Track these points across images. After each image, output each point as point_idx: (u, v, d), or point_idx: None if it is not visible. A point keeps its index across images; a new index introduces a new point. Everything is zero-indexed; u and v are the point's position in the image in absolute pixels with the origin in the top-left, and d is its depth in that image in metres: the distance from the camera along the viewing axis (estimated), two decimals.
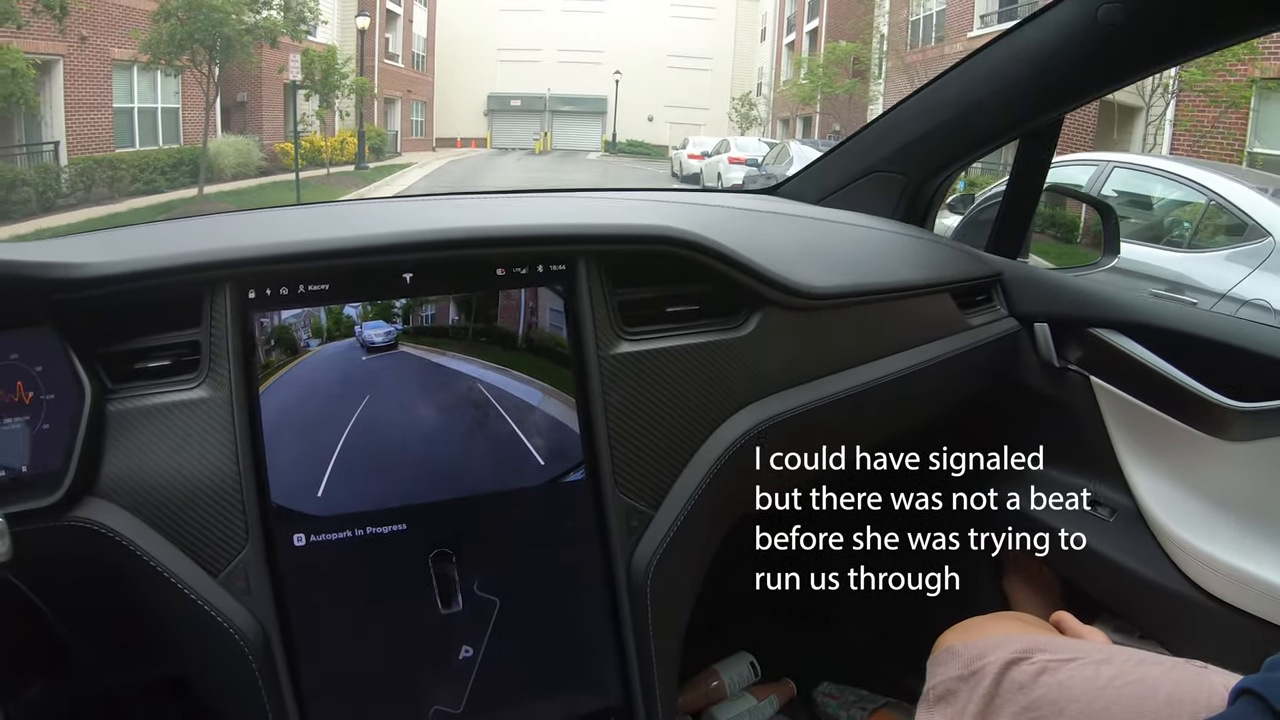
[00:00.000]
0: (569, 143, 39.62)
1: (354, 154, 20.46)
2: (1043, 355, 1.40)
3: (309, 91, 17.83)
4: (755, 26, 34.76)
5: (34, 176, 12.13)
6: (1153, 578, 1.27)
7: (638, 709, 1.05)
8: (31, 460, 0.94)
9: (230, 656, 0.93)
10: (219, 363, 0.96)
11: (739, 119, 27.56)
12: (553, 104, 40.56)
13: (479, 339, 1.03)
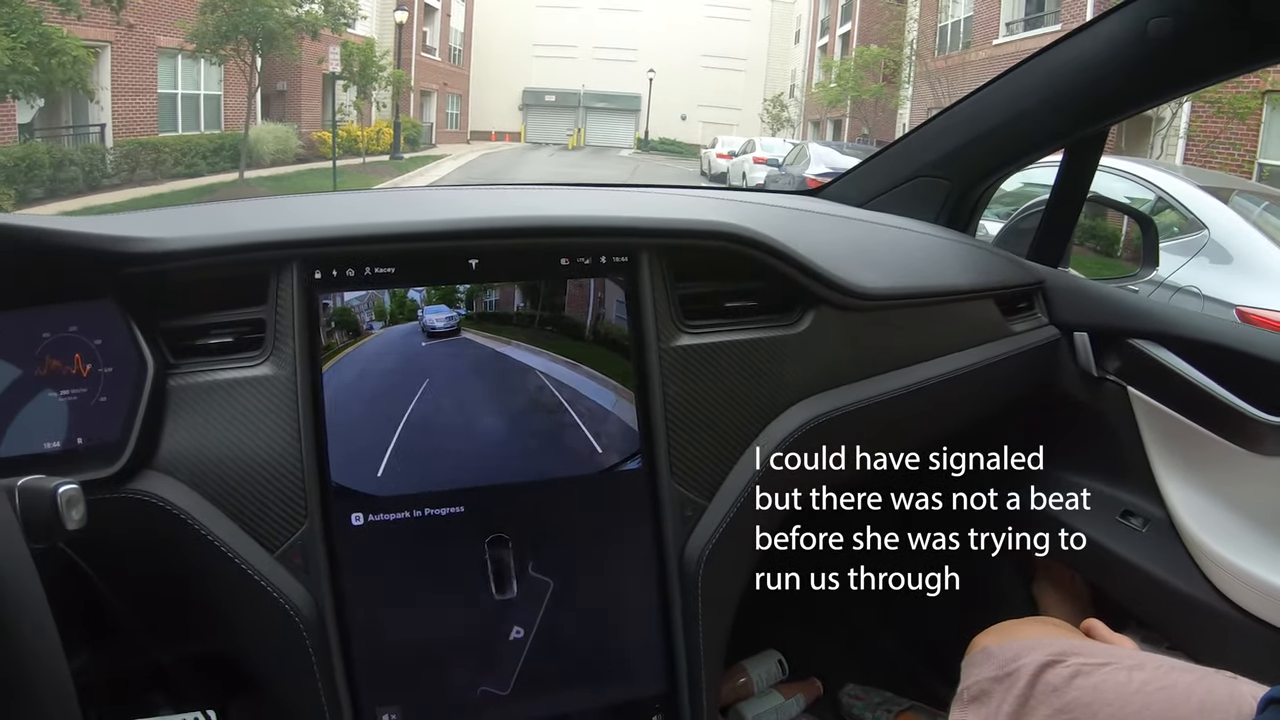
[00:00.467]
0: (602, 139, 39.63)
1: (389, 144, 20.66)
2: (1082, 364, 1.39)
3: (347, 83, 17.98)
4: (790, 29, 34.65)
5: (81, 157, 12.29)
6: (1183, 589, 1.26)
7: (682, 699, 1.05)
8: (87, 432, 0.94)
9: (284, 632, 0.93)
10: (283, 341, 0.96)
11: (770, 120, 27.47)
12: (587, 100, 40.57)
13: (540, 327, 1.04)
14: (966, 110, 1.50)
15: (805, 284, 1.13)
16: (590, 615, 1.03)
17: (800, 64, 29.58)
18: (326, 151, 17.37)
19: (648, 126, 39.98)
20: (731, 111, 34.74)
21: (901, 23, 21.54)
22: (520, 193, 1.27)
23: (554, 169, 26.17)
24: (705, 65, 39.48)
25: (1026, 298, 1.42)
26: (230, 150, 14.84)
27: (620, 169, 28.03)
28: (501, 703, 1.00)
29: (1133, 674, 0.84)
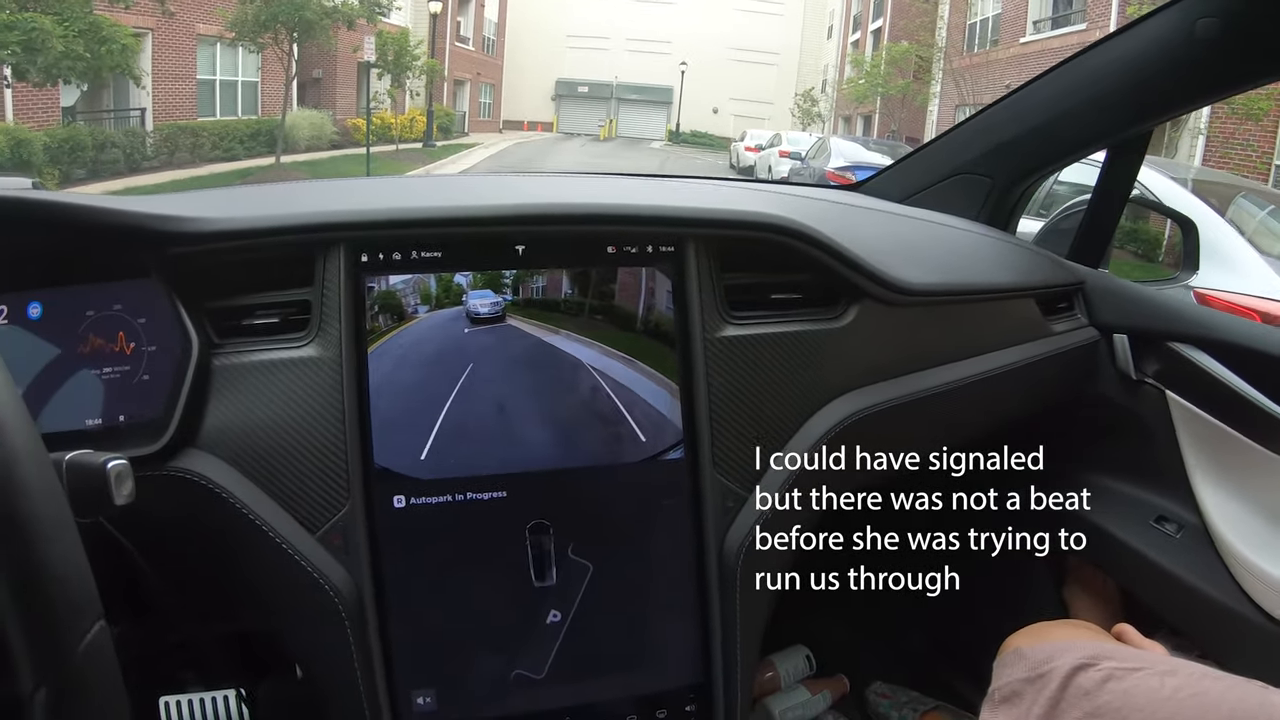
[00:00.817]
0: (634, 130, 39.58)
1: (422, 132, 20.82)
2: (1120, 367, 1.37)
3: (381, 71, 18.09)
4: (822, 24, 34.46)
5: (122, 139, 12.53)
6: (1215, 596, 1.24)
7: (716, 691, 1.05)
8: (129, 410, 0.94)
9: (323, 613, 0.93)
10: (329, 323, 0.96)
11: (801, 115, 27.32)
12: (619, 92, 40.52)
13: (585, 315, 1.03)
14: (1009, 108, 1.48)
15: (850, 278, 1.12)
16: (628, 602, 1.03)
17: (832, 59, 29.42)
18: (360, 138, 17.55)
19: (679, 119, 39.86)
20: (764, 105, 34.58)
21: (932, 19, 21.35)
22: (567, 180, 1.27)
23: (584, 159, 26.16)
24: (738, 59, 39.31)
25: (1066, 298, 1.40)
26: (267, 135, 15.07)
27: (650, 160, 28.05)
28: (536, 686, 1.00)
29: (1165, 680, 0.82)
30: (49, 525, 0.48)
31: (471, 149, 23.06)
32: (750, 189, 1.37)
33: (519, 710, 1.01)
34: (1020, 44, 18.07)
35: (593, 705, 1.02)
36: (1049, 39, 17.09)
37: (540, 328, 1.02)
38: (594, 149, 30.82)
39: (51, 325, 0.95)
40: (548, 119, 40.49)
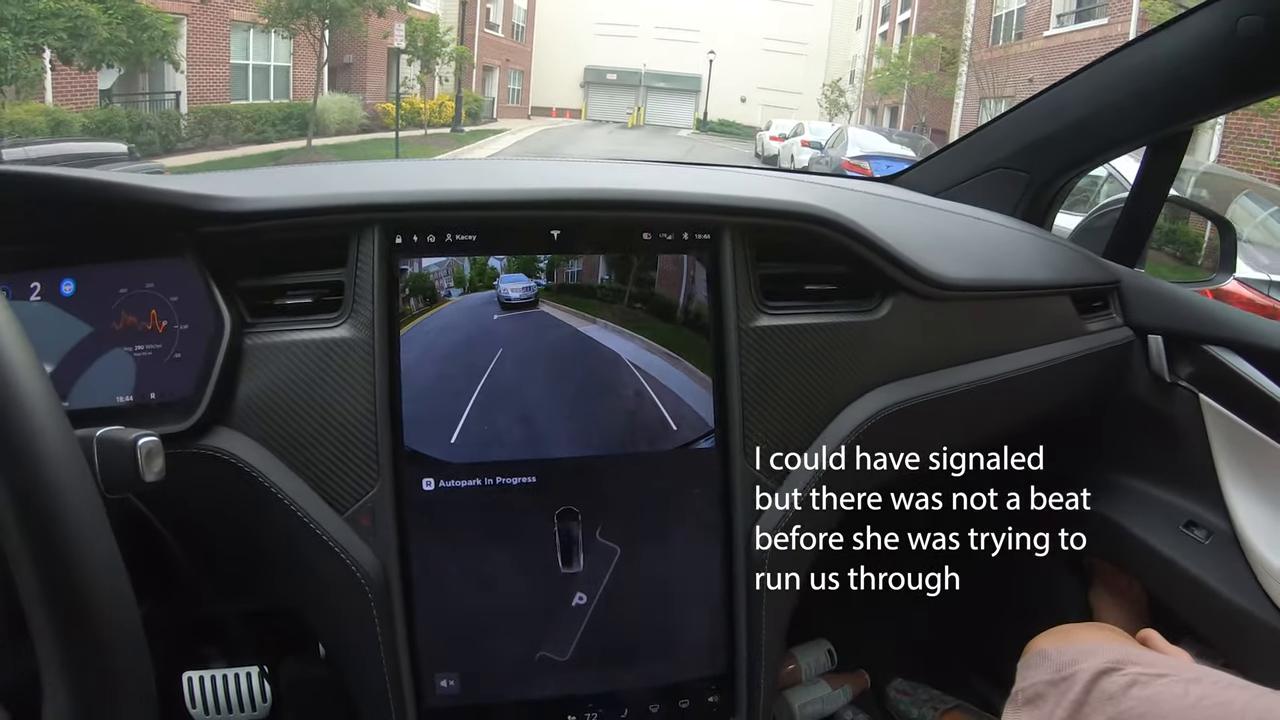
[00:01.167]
0: (662, 119, 39.52)
1: (451, 117, 21.07)
2: (1154, 368, 1.34)
3: (411, 57, 18.40)
4: (852, 14, 34.25)
5: (158, 121, 12.96)
6: (1243, 605, 1.21)
7: (740, 682, 1.04)
8: (160, 388, 0.94)
9: (349, 594, 0.93)
10: (362, 304, 0.95)
11: (828, 105, 27.23)
12: (647, 80, 40.48)
13: (618, 301, 1.02)
14: (1047, 103, 1.45)
15: (886, 270, 1.10)
16: (654, 588, 1.02)
17: (861, 50, 29.28)
18: (390, 122, 17.73)
19: (706, 107, 39.73)
20: (792, 95, 34.40)
21: (958, 11, 21.30)
22: (603, 166, 1.25)
23: (611, 146, 26.21)
24: (766, 48, 39.15)
25: (1102, 297, 1.38)
26: (298, 119, 15.40)
27: (676, 148, 28.01)
28: (559, 671, 1.00)
29: (1189, 687, 0.81)
30: (74, 501, 0.48)
31: (499, 134, 23.26)
32: (786, 178, 1.35)
33: (542, 696, 1.00)
34: (1044, 37, 18.06)
35: (615, 693, 1.01)
36: (1071, 32, 17.08)
37: (572, 314, 1.01)
38: (621, 136, 30.81)
39: (84, 302, 0.94)
40: (576, 106, 40.47)
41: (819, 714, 1.65)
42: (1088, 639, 0.95)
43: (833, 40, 34.91)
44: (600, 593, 1.00)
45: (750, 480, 1.02)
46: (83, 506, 0.48)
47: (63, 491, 0.47)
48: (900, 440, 1.12)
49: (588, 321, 1.01)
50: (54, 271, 0.95)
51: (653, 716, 1.02)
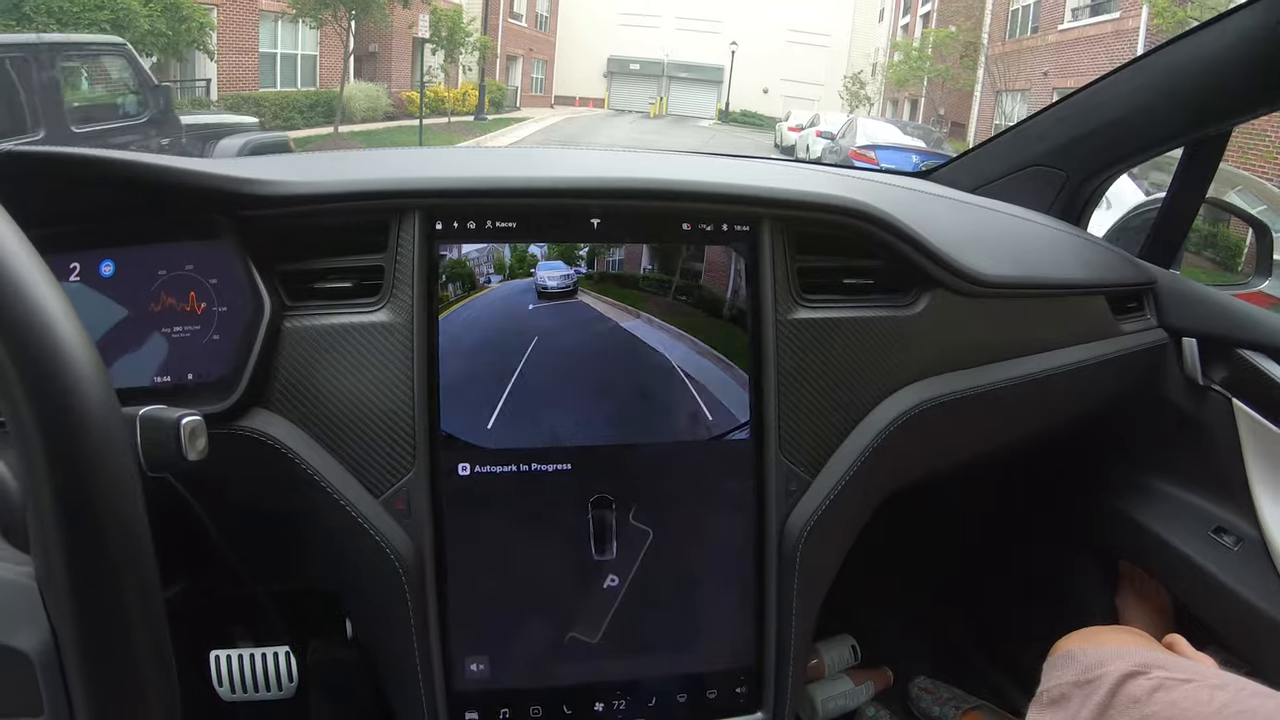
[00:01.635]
0: (684, 109, 39.55)
1: (474, 105, 21.38)
2: (1188, 372, 1.32)
3: (435, 47, 18.54)
4: (874, 6, 34.02)
5: (190, 108, 12.64)
6: (1270, 613, 1.18)
7: (768, 674, 1.02)
8: (198, 369, 0.93)
9: (382, 575, 0.92)
10: (402, 289, 0.94)
11: (849, 97, 27.18)
12: (670, 70, 40.51)
13: (656, 291, 1.01)
14: (1085, 101, 1.42)
15: (923, 265, 1.08)
16: (685, 577, 1.01)
17: (883, 43, 29.10)
18: (414, 110, 18.03)
19: (728, 98, 39.66)
20: (814, 87, 34.35)
21: (978, 4, 21.25)
22: (644, 156, 1.23)
23: (632, 135, 26.15)
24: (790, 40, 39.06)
25: (1137, 298, 1.35)
26: (325, 106, 15.53)
27: (697, 138, 27.98)
28: (588, 658, 0.99)
29: (1215, 694, 0.79)
30: (112, 475, 0.47)
31: (522, 122, 23.50)
32: (824, 172, 1.32)
33: (570, 682, 0.99)
34: (1059, 30, 18.07)
35: (644, 681, 1.01)
36: (1085, 26, 17.08)
37: (609, 304, 0.99)
38: (643, 125, 30.81)
39: (123, 284, 0.93)
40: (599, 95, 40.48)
41: (841, 709, 1.63)
42: (1114, 642, 0.93)
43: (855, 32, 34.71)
44: (632, 576, 0.99)
45: (784, 472, 1.01)
46: (120, 483, 0.47)
47: (103, 464, 0.46)
48: (934, 437, 1.10)
49: (625, 312, 0.99)
50: (94, 253, 0.94)
51: (679, 706, 1.01)
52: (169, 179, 0.90)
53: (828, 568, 1.06)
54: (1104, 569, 1.46)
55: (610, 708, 0.99)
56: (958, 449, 1.21)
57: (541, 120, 25.87)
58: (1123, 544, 1.40)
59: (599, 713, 0.99)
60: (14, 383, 0.44)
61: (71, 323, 0.46)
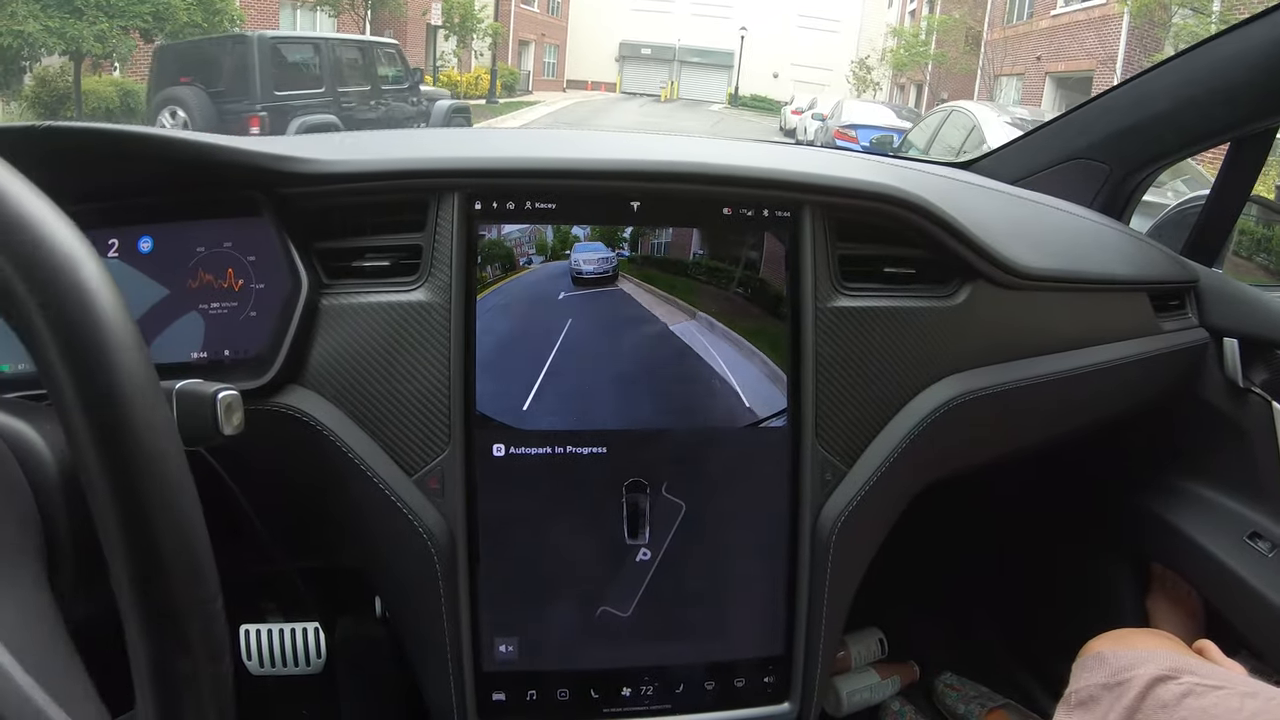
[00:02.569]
0: (695, 93, 39.48)
1: (486, 89, 21.63)
2: (1228, 373, 1.28)
3: (448, 33, 19.18)
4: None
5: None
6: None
7: (796, 665, 1.00)
8: (235, 345, 0.92)
9: (414, 554, 0.91)
10: (440, 268, 0.93)
11: (856, 82, 27.09)
12: (681, 55, 40.44)
13: (694, 276, 0.98)
14: (1130, 93, 1.38)
15: (965, 256, 1.05)
16: (717, 562, 0.99)
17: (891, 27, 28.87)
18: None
19: (738, 82, 39.48)
20: (823, 72, 34.22)
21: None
22: (684, 140, 1.20)
23: (641, 118, 26.08)
24: (800, 25, 38.89)
25: (1179, 296, 1.31)
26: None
27: (705, 121, 27.87)
28: (618, 635, 0.98)
29: (1245, 701, 0.78)
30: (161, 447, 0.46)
31: (533, 106, 23.83)
32: (865, 159, 1.27)
33: (598, 666, 0.98)
34: (1051, 16, 18.37)
35: (672, 668, 0.99)
36: (1075, 11, 17.34)
37: (648, 291, 0.97)
38: (652, 109, 30.78)
39: (161, 260, 0.92)
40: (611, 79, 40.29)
41: (866, 703, 1.61)
42: (1144, 645, 0.92)
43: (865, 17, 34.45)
44: (664, 550, 0.97)
45: (820, 460, 0.98)
46: (169, 453, 0.46)
47: (150, 435, 0.45)
48: (971, 430, 1.08)
49: (662, 300, 0.97)
50: (132, 229, 0.93)
51: (706, 693, 0.99)
52: (208, 156, 0.88)
53: (861, 559, 1.04)
54: (1135, 571, 1.43)
55: (637, 692, 0.98)
56: (995, 444, 1.18)
57: (552, 104, 25.89)
58: (1155, 546, 1.36)
59: (626, 697, 0.98)
60: (54, 354, 0.43)
61: (111, 295, 0.45)
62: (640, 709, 0.98)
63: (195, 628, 0.46)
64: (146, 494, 0.44)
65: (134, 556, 0.44)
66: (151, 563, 0.44)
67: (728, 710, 0.99)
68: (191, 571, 0.46)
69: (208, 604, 0.47)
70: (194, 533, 0.47)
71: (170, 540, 0.45)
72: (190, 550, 0.46)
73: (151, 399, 0.45)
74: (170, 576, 0.45)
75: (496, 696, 0.96)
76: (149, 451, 0.44)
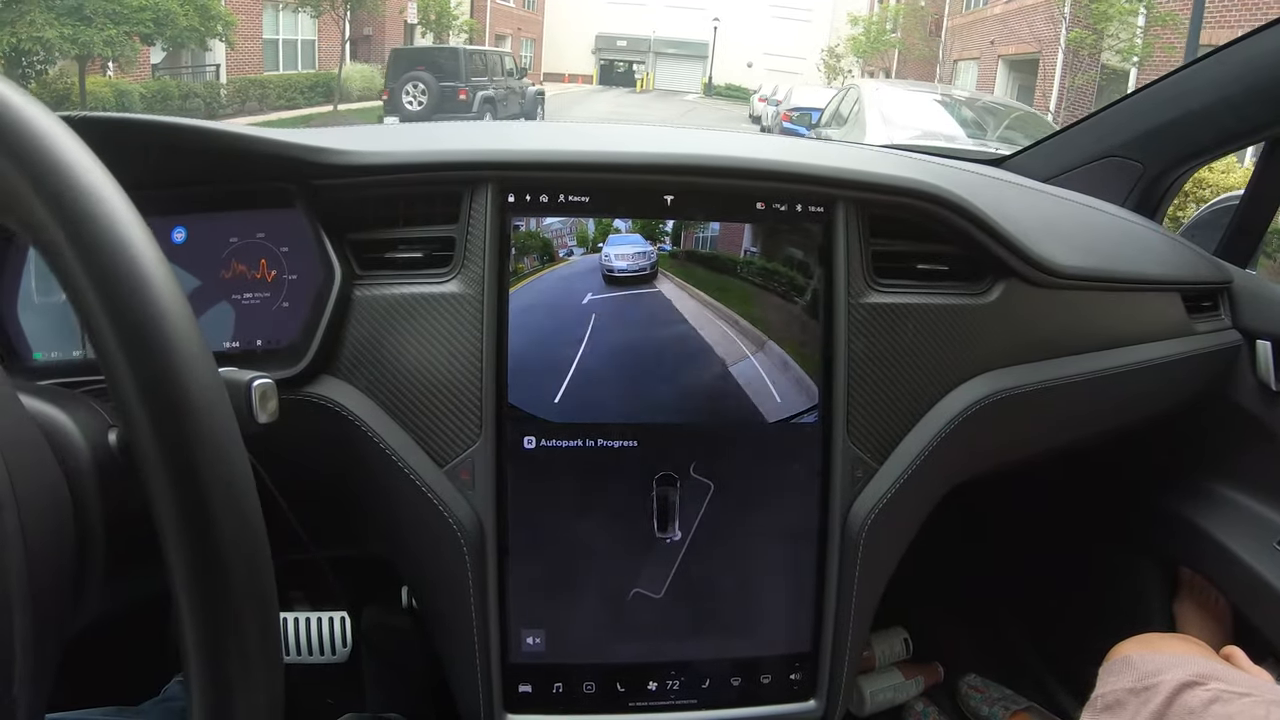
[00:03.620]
0: (670, 83, 39.51)
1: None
2: (1261, 376, 1.25)
3: (424, 29, 19.95)
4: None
5: (202, 90, 14.91)
6: None
7: (823, 662, 0.99)
8: (267, 335, 0.91)
9: (444, 545, 0.90)
10: (473, 260, 0.91)
11: (826, 70, 27.16)
12: (656, 46, 40.42)
13: (727, 271, 0.97)
14: (1165, 91, 1.34)
15: (998, 254, 1.03)
16: (747, 558, 0.97)
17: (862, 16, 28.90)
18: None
19: (711, 72, 39.38)
20: (796, 60, 34.25)
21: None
22: (715, 135, 1.17)
23: (616, 108, 25.99)
24: (773, 15, 38.82)
25: (1212, 297, 1.29)
26: (324, 87, 17.16)
27: (678, 109, 27.74)
28: (645, 628, 0.96)
29: (1271, 710, 0.77)
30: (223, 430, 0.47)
31: None
32: (898, 155, 1.25)
33: (625, 660, 0.96)
34: (1004, 2, 18.77)
35: (698, 663, 0.97)
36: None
37: (683, 290, 0.96)
38: (628, 99, 30.75)
39: (194, 250, 0.92)
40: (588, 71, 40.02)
41: (889, 702, 1.59)
42: (1172, 650, 0.91)
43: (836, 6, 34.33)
44: (692, 537, 0.95)
45: (851, 457, 0.97)
46: (230, 439, 0.47)
47: (212, 420, 0.45)
48: (1002, 429, 1.06)
49: (693, 297, 0.96)
50: (166, 219, 0.91)
51: (732, 689, 0.98)
52: (242, 146, 0.88)
53: (889, 557, 1.02)
54: (1163, 575, 1.40)
55: (664, 687, 0.97)
56: (1026, 443, 1.15)
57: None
58: (1183, 550, 1.33)
59: (652, 691, 0.97)
60: (112, 343, 0.43)
61: (169, 280, 0.45)
62: (666, 703, 0.96)
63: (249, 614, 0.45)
64: (209, 478, 0.44)
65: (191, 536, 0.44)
66: (210, 548, 0.44)
67: (753, 707, 0.98)
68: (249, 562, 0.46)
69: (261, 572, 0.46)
70: (254, 521, 0.47)
71: (230, 525, 0.45)
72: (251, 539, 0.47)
73: (210, 380, 0.45)
74: (228, 567, 0.45)
75: (523, 688, 0.95)
76: (208, 433, 0.45)
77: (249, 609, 0.45)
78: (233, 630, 0.44)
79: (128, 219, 0.44)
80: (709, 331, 0.94)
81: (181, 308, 0.45)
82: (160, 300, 0.44)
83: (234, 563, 0.44)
